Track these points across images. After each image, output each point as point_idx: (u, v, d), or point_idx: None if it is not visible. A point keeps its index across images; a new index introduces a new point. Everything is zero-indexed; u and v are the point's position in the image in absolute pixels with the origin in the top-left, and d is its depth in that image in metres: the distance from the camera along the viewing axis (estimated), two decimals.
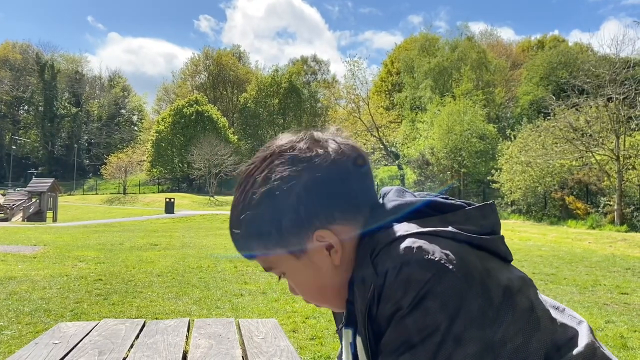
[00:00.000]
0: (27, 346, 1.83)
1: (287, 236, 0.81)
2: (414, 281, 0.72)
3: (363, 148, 0.88)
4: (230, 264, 10.15)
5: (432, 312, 0.71)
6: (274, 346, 1.84)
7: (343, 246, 0.83)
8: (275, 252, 0.84)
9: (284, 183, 0.79)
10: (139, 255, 11.69)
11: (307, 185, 0.80)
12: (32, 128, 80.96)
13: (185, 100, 61.98)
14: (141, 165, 63.55)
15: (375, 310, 0.76)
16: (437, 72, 46.82)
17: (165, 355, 1.72)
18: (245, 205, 0.82)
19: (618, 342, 5.00)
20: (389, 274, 0.74)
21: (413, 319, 0.72)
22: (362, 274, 0.79)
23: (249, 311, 6.15)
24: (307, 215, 0.80)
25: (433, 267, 0.73)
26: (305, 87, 74.47)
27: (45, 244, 13.73)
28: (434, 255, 0.74)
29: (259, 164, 0.83)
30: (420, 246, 0.75)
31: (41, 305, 6.24)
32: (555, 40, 60.59)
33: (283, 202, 0.80)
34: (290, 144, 0.84)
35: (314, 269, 0.85)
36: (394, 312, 0.73)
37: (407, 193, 0.89)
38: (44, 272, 8.81)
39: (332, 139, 0.85)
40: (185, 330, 2.08)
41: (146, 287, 7.59)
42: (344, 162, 0.82)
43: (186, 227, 22.62)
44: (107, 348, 1.79)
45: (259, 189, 0.81)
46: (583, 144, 24.16)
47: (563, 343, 0.80)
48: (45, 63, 79.53)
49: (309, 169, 0.80)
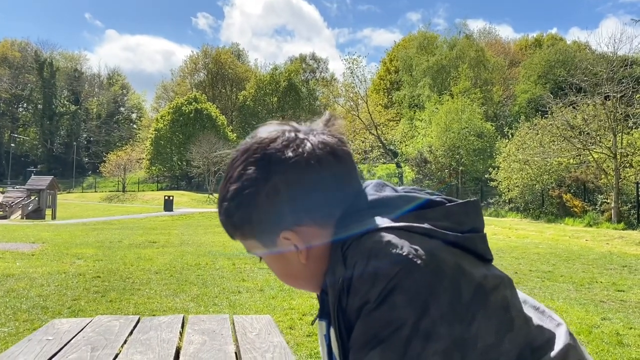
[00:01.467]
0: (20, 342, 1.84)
1: (258, 232, 0.84)
2: (381, 275, 0.73)
3: (345, 141, 0.87)
4: (228, 262, 10.17)
5: (399, 307, 0.71)
6: (267, 342, 1.85)
7: (311, 245, 0.83)
8: (251, 241, 0.87)
9: (254, 183, 0.81)
10: (137, 252, 11.69)
11: (275, 186, 0.80)
12: (31, 126, 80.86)
13: (184, 98, 61.91)
14: (140, 163, 63.49)
15: (345, 303, 0.77)
16: (435, 71, 46.81)
17: (159, 352, 1.73)
18: (223, 197, 0.85)
19: (614, 339, 5.02)
20: (357, 267, 0.75)
21: (380, 313, 0.72)
22: (332, 268, 0.80)
23: (246, 308, 6.17)
24: (273, 216, 0.82)
25: (401, 261, 0.73)
26: (304, 85, 74.45)
27: (44, 241, 13.73)
28: (402, 249, 0.74)
29: (239, 157, 0.85)
30: (389, 240, 0.75)
31: (38, 302, 6.25)
32: (553, 39, 60.66)
33: (251, 200, 0.81)
34: (268, 140, 0.84)
35: (284, 261, 0.87)
36: (362, 306, 0.74)
37: (386, 187, 0.89)
38: (41, 269, 8.82)
39: (309, 138, 0.84)
40: (180, 326, 2.09)
41: (144, 285, 7.60)
42: (316, 165, 0.82)
43: (185, 225, 22.63)
44: (100, 344, 1.80)
45: (233, 185, 0.83)
46: (580, 142, 24.16)
47: (538, 345, 0.80)
48: (44, 61, 79.39)
49: (279, 172, 0.81)
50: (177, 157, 58.98)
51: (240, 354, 1.73)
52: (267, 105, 69.94)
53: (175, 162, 59.77)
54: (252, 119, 69.75)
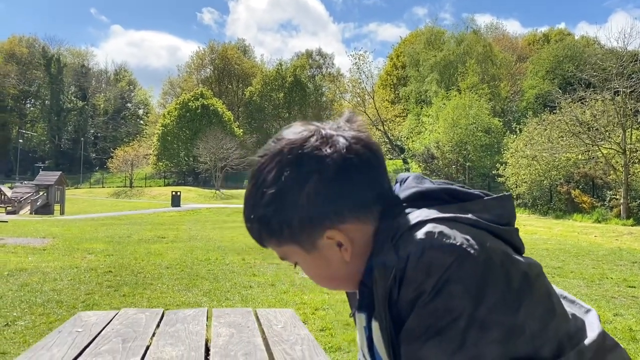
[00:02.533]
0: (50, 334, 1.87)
1: (298, 234, 0.82)
2: (436, 265, 0.73)
3: (373, 138, 0.86)
4: (237, 257, 10.22)
5: (455, 297, 0.72)
6: (294, 335, 1.87)
7: (354, 242, 0.83)
8: (288, 247, 0.85)
9: (293, 184, 0.79)
10: (147, 247, 11.76)
11: (316, 186, 0.79)
12: (39, 122, 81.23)
13: (191, 94, 62.01)
14: (147, 158, 63.68)
15: (397, 294, 0.76)
16: (442, 66, 46.70)
17: (188, 343, 1.76)
18: (256, 203, 0.82)
19: (627, 335, 5.02)
20: (411, 258, 0.74)
21: (437, 304, 0.72)
22: (382, 259, 0.79)
23: (258, 303, 6.20)
24: (316, 216, 0.80)
25: (455, 251, 0.74)
26: (310, 80, 74.41)
27: (54, 236, 13.83)
28: (455, 239, 0.75)
29: (269, 161, 0.82)
30: (441, 231, 0.76)
31: (53, 296, 6.31)
32: (562, 34, 60.27)
33: (292, 202, 0.79)
34: (300, 141, 0.82)
35: (325, 262, 0.85)
36: (417, 297, 0.74)
37: (425, 180, 0.89)
38: (54, 264, 8.89)
39: (341, 134, 0.83)
40: (205, 319, 2.12)
41: (156, 279, 7.66)
42: (353, 160, 0.81)
43: (193, 220, 22.72)
44: (129, 336, 1.82)
45: (269, 189, 0.80)
46: (589, 137, 24.06)
47: (574, 332, 0.81)
48: (51, 57, 79.64)
49: (318, 170, 0.79)
50: (184, 153, 59.12)
51: (269, 346, 1.76)
52: (274, 101, 69.99)
53: (182, 157, 59.93)
54: (258, 114, 69.89)
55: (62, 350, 1.62)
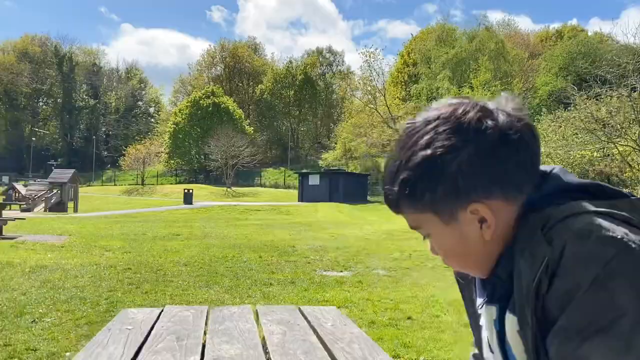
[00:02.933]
0: (102, 331, 1.87)
1: (441, 203, 0.80)
2: (597, 257, 0.69)
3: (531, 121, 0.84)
4: (254, 254, 10.22)
5: (619, 293, 0.68)
6: (347, 333, 1.85)
7: (497, 222, 0.80)
8: (425, 215, 0.82)
9: (448, 151, 0.77)
10: (163, 244, 11.80)
11: (470, 157, 0.77)
12: (52, 120, 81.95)
13: (202, 92, 62.26)
14: (159, 156, 64.02)
15: (546, 287, 0.73)
16: (454, 63, 46.50)
17: (243, 341, 1.75)
18: (403, 165, 0.80)
19: None
20: (567, 249, 0.71)
21: (597, 299, 0.68)
22: (530, 248, 0.76)
23: (280, 300, 6.19)
24: (465, 187, 0.78)
25: (616, 244, 0.70)
26: (321, 78, 74.40)
27: (70, 233, 13.91)
28: (615, 232, 0.71)
29: (424, 125, 0.80)
30: (600, 223, 0.73)
31: (76, 293, 6.33)
32: (575, 30, 59.75)
33: (443, 170, 0.77)
34: (462, 109, 0.80)
35: (462, 237, 0.82)
36: (572, 290, 0.70)
37: (570, 174, 0.87)
38: (73, 261, 8.94)
39: (503, 110, 0.81)
40: (252, 317, 2.10)
41: (175, 276, 7.67)
42: (512, 138, 0.78)
43: (206, 218, 22.78)
44: (182, 334, 1.81)
45: (420, 152, 0.78)
46: (605, 134, 23.81)
47: None
48: (63, 56, 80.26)
49: (476, 141, 0.77)
50: (195, 151, 59.38)
51: (326, 345, 1.73)
52: (284, 98, 70.09)
53: (193, 155, 60.20)
54: (269, 112, 70.01)
55: (118, 349, 1.61)
